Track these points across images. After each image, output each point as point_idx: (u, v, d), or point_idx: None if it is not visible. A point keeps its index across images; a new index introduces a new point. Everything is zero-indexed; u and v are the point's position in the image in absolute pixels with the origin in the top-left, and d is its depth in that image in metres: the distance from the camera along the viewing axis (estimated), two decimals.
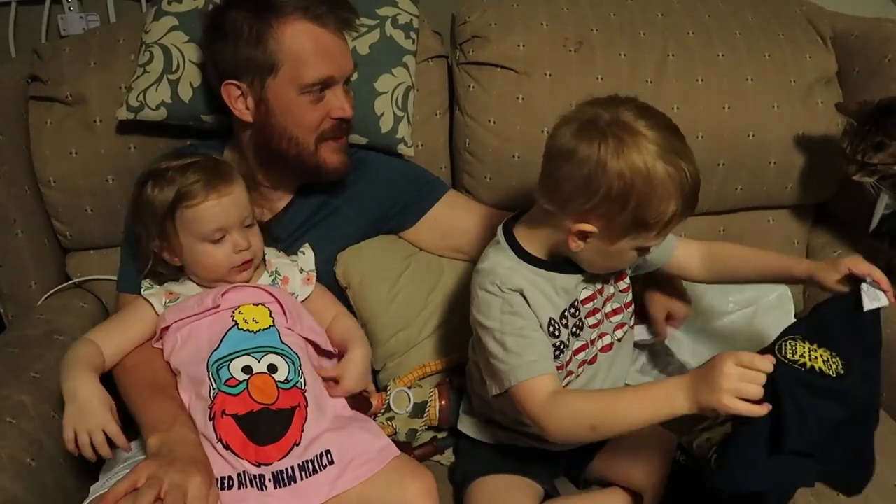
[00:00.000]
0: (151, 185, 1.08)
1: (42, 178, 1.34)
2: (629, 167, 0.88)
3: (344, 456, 1.01)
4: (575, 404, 0.94)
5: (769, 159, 1.48)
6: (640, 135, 0.89)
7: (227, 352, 1.05)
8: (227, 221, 1.08)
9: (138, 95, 1.28)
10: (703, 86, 1.43)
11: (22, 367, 1.18)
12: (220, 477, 0.98)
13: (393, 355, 1.27)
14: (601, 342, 1.10)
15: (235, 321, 1.07)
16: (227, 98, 1.16)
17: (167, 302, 1.11)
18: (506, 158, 1.41)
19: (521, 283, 0.98)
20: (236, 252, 1.09)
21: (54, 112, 1.33)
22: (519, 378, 0.96)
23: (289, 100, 1.14)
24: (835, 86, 1.52)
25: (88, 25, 1.78)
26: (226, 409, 1.01)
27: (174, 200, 1.06)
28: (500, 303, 0.98)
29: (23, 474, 1.04)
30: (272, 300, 1.11)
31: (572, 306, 1.04)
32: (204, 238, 1.07)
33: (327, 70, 1.13)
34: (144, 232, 1.11)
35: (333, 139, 1.19)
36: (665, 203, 0.90)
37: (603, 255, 0.98)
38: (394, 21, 1.36)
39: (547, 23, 1.43)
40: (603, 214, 0.91)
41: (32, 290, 1.38)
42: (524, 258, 1.01)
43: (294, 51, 1.11)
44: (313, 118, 1.15)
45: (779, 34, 1.49)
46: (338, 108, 1.16)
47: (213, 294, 1.08)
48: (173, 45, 1.28)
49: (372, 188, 1.30)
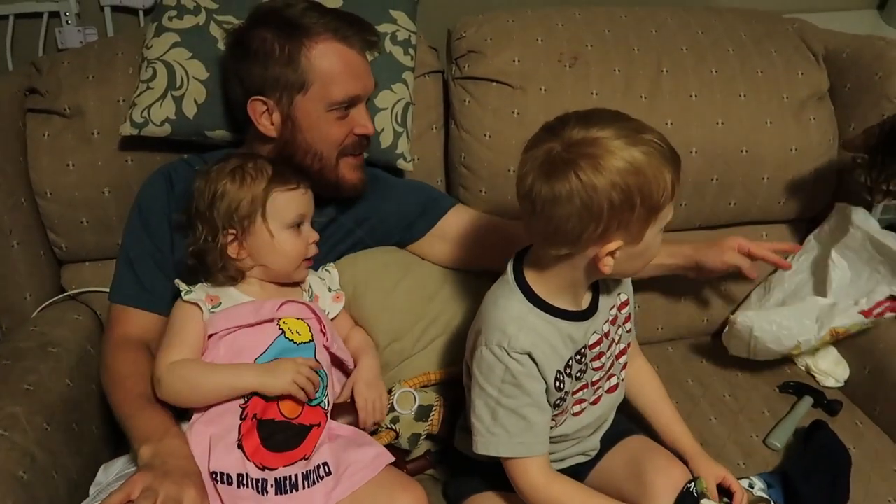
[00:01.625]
0: (231, 181, 1.10)
1: (38, 190, 1.35)
2: (616, 172, 0.86)
3: (339, 466, 1.02)
4: (564, 497, 0.99)
5: (762, 175, 1.49)
6: (600, 141, 0.87)
7: (271, 357, 1.07)
8: (307, 209, 1.15)
9: (142, 112, 1.28)
10: (696, 101, 1.45)
11: (15, 379, 1.18)
12: (220, 472, 0.99)
13: (386, 366, 1.27)
14: (608, 384, 1.11)
15: (282, 330, 1.09)
16: (253, 113, 1.18)
17: (211, 307, 1.10)
18: (501, 172, 1.41)
19: (529, 342, 0.95)
20: (310, 242, 1.14)
21: (52, 124, 1.34)
22: (502, 453, 0.98)
23: (317, 116, 1.17)
24: (827, 102, 1.53)
25: (86, 39, 1.79)
26: (257, 412, 1.03)
27: (268, 186, 1.10)
28: (502, 370, 0.96)
29: (14, 488, 1.03)
30: (313, 317, 1.13)
31: (579, 353, 1.02)
32: (289, 223, 1.12)
33: (355, 89, 1.17)
34: (207, 228, 1.10)
35: (353, 155, 1.22)
36: (661, 179, 0.88)
37: (637, 256, 0.95)
38: (393, 38, 1.37)
39: (542, 38, 1.44)
40: (619, 226, 0.89)
41: (27, 301, 1.37)
42: (535, 303, 0.99)
43: (325, 70, 1.15)
44: (338, 134, 1.18)
45: (771, 51, 1.51)
46: (361, 125, 1.20)
47: (270, 305, 1.09)
48: (176, 62, 1.29)
49: (382, 206, 1.31)
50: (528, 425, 0.97)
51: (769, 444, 1.30)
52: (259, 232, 1.11)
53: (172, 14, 1.33)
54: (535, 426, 0.98)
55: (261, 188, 1.10)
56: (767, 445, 1.30)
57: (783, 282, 1.47)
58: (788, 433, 1.31)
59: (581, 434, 1.10)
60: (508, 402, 0.97)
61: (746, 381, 1.46)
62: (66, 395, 1.19)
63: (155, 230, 1.20)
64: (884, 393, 1.38)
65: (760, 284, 1.53)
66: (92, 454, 1.21)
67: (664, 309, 1.56)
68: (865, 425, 1.37)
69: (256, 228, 1.11)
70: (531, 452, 0.98)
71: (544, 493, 0.99)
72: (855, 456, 1.28)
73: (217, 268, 1.12)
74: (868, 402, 1.40)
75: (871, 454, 1.29)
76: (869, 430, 1.36)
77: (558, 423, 1.06)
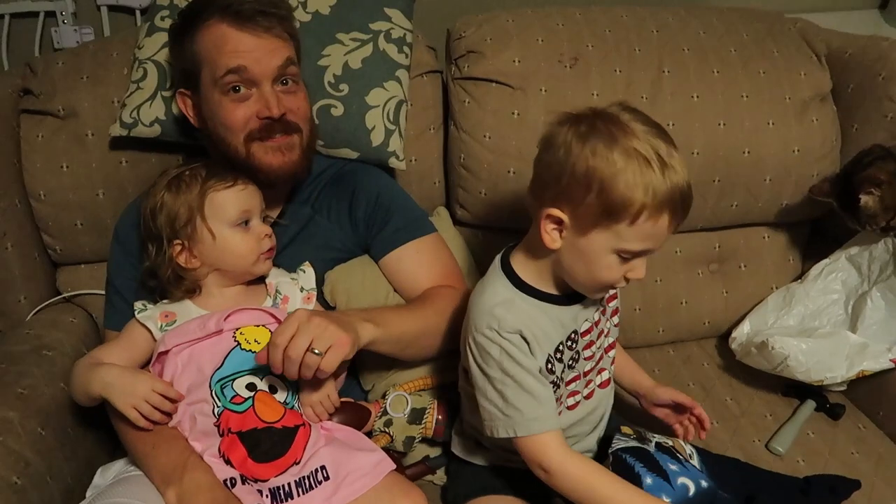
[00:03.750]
0: (168, 191, 1.10)
1: (32, 192, 1.34)
2: (596, 154, 0.87)
3: (339, 471, 1.01)
4: (586, 478, 0.96)
5: (764, 176, 1.48)
6: (620, 123, 0.89)
7: (230, 371, 1.05)
8: (252, 205, 1.12)
9: (132, 112, 1.27)
10: (698, 102, 1.43)
11: (9, 383, 1.17)
12: None
13: (381, 376, 1.26)
14: (599, 378, 1.10)
15: (238, 341, 1.07)
16: (182, 107, 1.19)
17: (163, 325, 1.10)
18: (501, 174, 1.40)
19: (519, 321, 0.96)
20: (262, 238, 1.12)
21: (46, 126, 1.33)
22: (519, 433, 0.97)
23: (213, 102, 1.13)
24: (829, 103, 1.52)
25: (82, 39, 1.78)
26: (231, 426, 1.01)
27: (202, 189, 1.09)
28: (498, 351, 0.96)
29: (8, 493, 1.02)
30: (273, 322, 1.11)
31: (569, 339, 1.02)
32: (233, 222, 1.10)
33: (235, 60, 1.10)
34: (155, 244, 1.11)
35: (262, 139, 1.14)
36: (630, 193, 0.86)
37: (580, 255, 0.93)
38: (387, 35, 1.35)
39: (542, 38, 1.43)
40: (571, 199, 0.90)
41: (21, 304, 1.37)
42: (520, 287, 0.99)
43: (206, 49, 1.12)
44: (236, 119, 1.12)
45: (773, 51, 1.50)
46: (263, 107, 1.12)
47: (217, 318, 1.08)
48: (167, 62, 1.28)
49: (348, 203, 1.26)
50: (537, 401, 0.97)
51: (772, 449, 1.29)
52: (203, 236, 1.10)
53: (165, 14, 1.32)
54: (542, 400, 0.97)
55: (195, 192, 1.09)
56: (770, 450, 1.29)
57: (806, 298, 1.46)
58: (791, 438, 1.30)
59: (579, 431, 1.10)
60: (512, 379, 0.96)
61: (748, 385, 1.45)
62: (60, 398, 1.18)
63: (135, 256, 1.19)
64: (887, 397, 1.37)
65: (779, 290, 1.52)
66: (87, 458, 1.20)
67: (665, 311, 1.55)
68: (868, 429, 1.36)
69: (199, 233, 1.10)
70: (545, 427, 0.97)
71: (566, 468, 0.97)
72: (858, 460, 1.27)
73: (171, 283, 1.11)
74: (871, 405, 1.39)
75: (875, 458, 1.28)
76: (872, 434, 1.35)
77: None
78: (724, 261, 1.59)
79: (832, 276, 1.46)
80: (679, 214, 0.91)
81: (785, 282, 1.55)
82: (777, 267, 1.59)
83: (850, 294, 1.43)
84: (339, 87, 1.31)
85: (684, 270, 1.56)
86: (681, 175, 0.90)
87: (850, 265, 1.45)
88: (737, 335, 1.47)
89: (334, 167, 1.31)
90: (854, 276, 1.44)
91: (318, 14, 1.34)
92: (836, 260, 1.47)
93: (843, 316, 1.43)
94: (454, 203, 1.48)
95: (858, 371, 1.33)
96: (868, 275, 1.42)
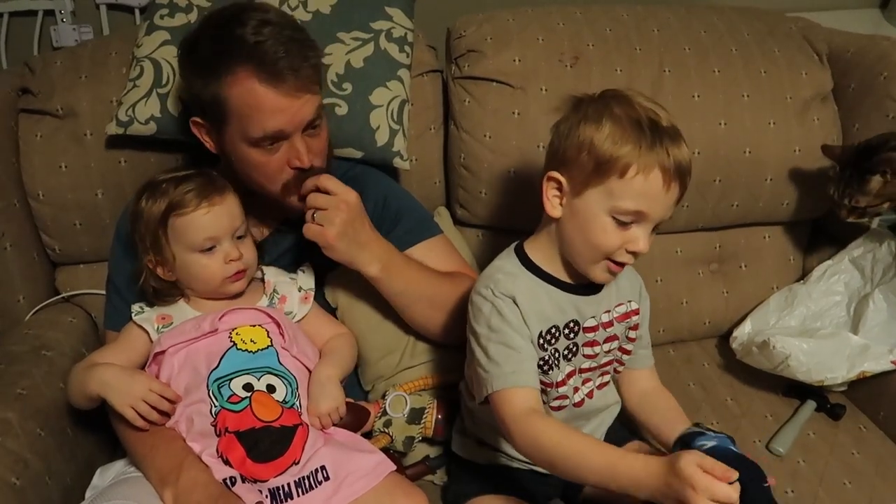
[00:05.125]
0: (146, 198, 1.09)
1: (31, 192, 1.33)
2: (585, 114, 0.95)
3: (339, 471, 1.01)
4: (544, 434, 0.90)
5: (765, 176, 1.48)
6: (622, 97, 0.95)
7: (227, 371, 1.05)
8: (217, 231, 1.08)
9: (127, 110, 1.26)
10: (699, 102, 1.43)
11: (7, 383, 1.17)
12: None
13: (381, 377, 1.25)
14: (600, 379, 1.10)
15: (234, 342, 1.07)
16: (197, 131, 1.15)
17: (160, 327, 1.10)
18: (501, 173, 1.40)
19: (516, 290, 0.98)
20: (227, 262, 1.09)
21: (44, 125, 1.32)
22: (495, 387, 0.95)
23: (241, 150, 1.10)
24: (830, 102, 1.52)
25: (81, 37, 1.78)
26: (228, 426, 1.01)
27: (166, 209, 1.06)
28: (489, 308, 0.98)
29: (7, 494, 1.02)
30: (269, 321, 1.11)
31: (568, 327, 1.02)
32: (194, 248, 1.08)
33: (274, 124, 1.07)
34: (141, 246, 1.11)
35: (299, 196, 1.12)
36: (618, 145, 0.91)
37: (577, 220, 0.96)
38: (388, 35, 1.35)
39: (542, 37, 1.42)
40: (567, 160, 0.95)
41: (20, 304, 1.36)
42: (528, 267, 1.02)
43: (239, 106, 1.06)
44: (270, 170, 1.11)
45: (774, 50, 1.49)
46: (293, 157, 1.10)
47: (211, 318, 1.08)
48: (164, 59, 1.27)
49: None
50: (518, 355, 0.96)
51: (772, 450, 1.29)
52: (167, 256, 1.09)
53: (164, 12, 1.31)
54: (523, 355, 0.96)
55: (161, 210, 1.07)
56: (770, 451, 1.29)
57: (808, 299, 1.46)
58: (792, 438, 1.30)
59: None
60: (497, 335, 0.97)
61: (749, 385, 1.45)
62: (60, 399, 1.18)
63: (134, 255, 1.18)
64: (888, 398, 1.37)
65: (781, 291, 1.52)
66: (87, 459, 1.20)
67: (666, 311, 1.54)
68: (869, 430, 1.36)
69: (164, 253, 1.08)
70: (518, 382, 0.95)
71: (523, 424, 0.92)
72: (858, 461, 1.27)
73: (154, 291, 1.11)
74: (872, 406, 1.39)
75: (875, 459, 1.28)
76: (873, 434, 1.35)
77: (551, 399, 1.04)
78: (725, 261, 1.58)
79: (835, 278, 1.46)
80: (672, 176, 0.92)
81: (785, 282, 1.55)
82: (778, 267, 1.58)
83: (853, 296, 1.43)
84: (343, 86, 1.31)
85: (685, 270, 1.55)
86: (675, 140, 0.93)
87: (853, 267, 1.45)
88: (738, 334, 1.47)
89: (338, 171, 1.30)
90: (857, 279, 1.44)
91: (318, 13, 1.33)
92: (839, 262, 1.47)
93: (845, 318, 1.43)
94: (454, 203, 1.48)
95: (859, 372, 1.33)
96: (871, 277, 1.42)
